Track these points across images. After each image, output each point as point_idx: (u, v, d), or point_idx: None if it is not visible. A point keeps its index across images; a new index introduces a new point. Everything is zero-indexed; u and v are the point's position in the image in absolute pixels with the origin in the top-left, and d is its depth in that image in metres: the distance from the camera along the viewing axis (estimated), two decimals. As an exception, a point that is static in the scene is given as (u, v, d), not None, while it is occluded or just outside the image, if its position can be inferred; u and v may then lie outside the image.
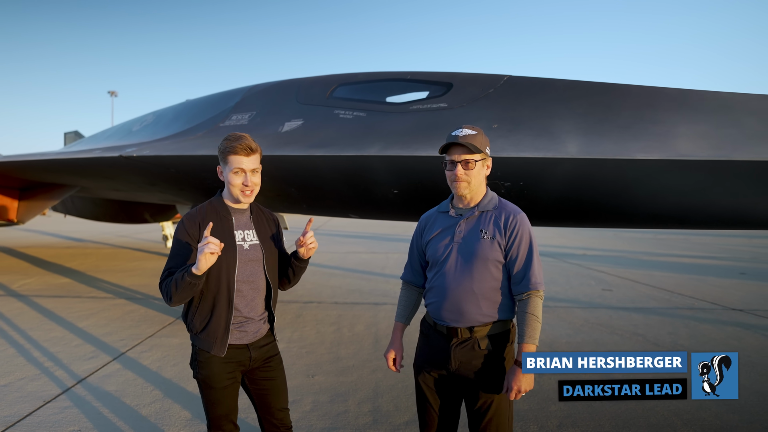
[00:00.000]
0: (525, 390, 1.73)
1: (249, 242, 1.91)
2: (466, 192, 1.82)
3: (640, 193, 2.94)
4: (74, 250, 11.91)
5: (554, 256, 12.23)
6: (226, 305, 1.83)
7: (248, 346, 1.90)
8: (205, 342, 1.84)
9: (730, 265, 11.05)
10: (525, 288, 1.77)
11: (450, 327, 1.81)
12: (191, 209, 1.92)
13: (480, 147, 1.79)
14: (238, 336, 1.87)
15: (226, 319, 1.83)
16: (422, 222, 1.99)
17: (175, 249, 1.84)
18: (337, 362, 4.06)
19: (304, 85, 4.33)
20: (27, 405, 3.18)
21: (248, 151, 1.83)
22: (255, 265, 1.90)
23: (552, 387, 3.59)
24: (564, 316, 5.88)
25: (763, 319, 5.96)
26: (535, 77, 3.46)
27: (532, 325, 1.74)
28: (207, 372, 1.85)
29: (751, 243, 16.83)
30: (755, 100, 2.71)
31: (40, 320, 5.21)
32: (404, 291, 2.07)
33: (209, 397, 1.88)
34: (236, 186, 1.85)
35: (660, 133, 2.75)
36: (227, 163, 1.85)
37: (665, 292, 7.72)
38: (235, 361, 1.88)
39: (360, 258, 11.21)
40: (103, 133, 8.18)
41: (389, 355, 2.00)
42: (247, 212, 1.96)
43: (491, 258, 1.77)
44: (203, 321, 1.84)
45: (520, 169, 3.08)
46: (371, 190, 3.85)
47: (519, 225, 1.79)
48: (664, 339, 4.99)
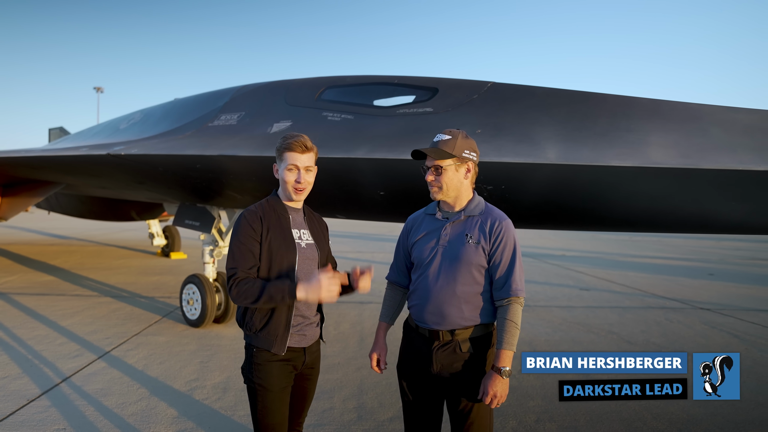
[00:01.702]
0: (501, 395, 1.73)
1: (305, 241, 1.91)
2: (439, 196, 1.86)
3: (615, 198, 3.07)
4: (59, 247, 11.73)
5: (534, 257, 12.46)
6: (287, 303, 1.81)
7: (305, 350, 1.89)
8: (264, 340, 1.80)
9: (699, 266, 11.49)
10: (506, 294, 1.78)
11: (432, 330, 1.83)
12: (250, 207, 1.88)
13: (452, 151, 1.79)
14: (297, 339, 1.85)
15: (287, 317, 1.81)
16: (409, 223, 2.02)
17: (241, 249, 1.77)
18: (323, 360, 4.06)
19: (293, 87, 4.38)
20: (10, 404, 3.14)
21: (303, 148, 1.86)
22: (311, 264, 1.89)
23: (530, 384, 3.73)
24: (543, 316, 6.05)
25: (728, 318, 6.25)
26: (517, 84, 3.57)
27: (510, 331, 1.75)
28: (265, 374, 1.80)
29: (719, 245, 17.47)
30: (721, 112, 2.87)
31: (23, 318, 5.16)
32: (389, 291, 2.09)
33: (265, 402, 1.80)
34: (289, 183, 1.86)
35: (634, 141, 2.89)
36: (282, 160, 1.86)
37: (639, 291, 7.99)
38: (292, 364, 1.86)
39: (346, 258, 11.29)
40: (89, 130, 8.07)
41: (373, 356, 2.01)
42: (301, 212, 1.97)
43: (475, 262, 1.78)
44: (263, 318, 1.80)
45: (502, 173, 3.18)
46: (358, 191, 3.92)
47: (504, 231, 1.80)
48: (637, 337, 5.19)
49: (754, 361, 4.51)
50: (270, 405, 1.81)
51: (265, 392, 1.80)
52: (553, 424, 3.06)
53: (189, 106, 5.25)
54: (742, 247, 16.90)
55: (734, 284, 9.00)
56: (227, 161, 4.03)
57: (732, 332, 5.53)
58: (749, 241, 19.75)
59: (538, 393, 3.57)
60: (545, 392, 3.59)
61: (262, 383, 1.80)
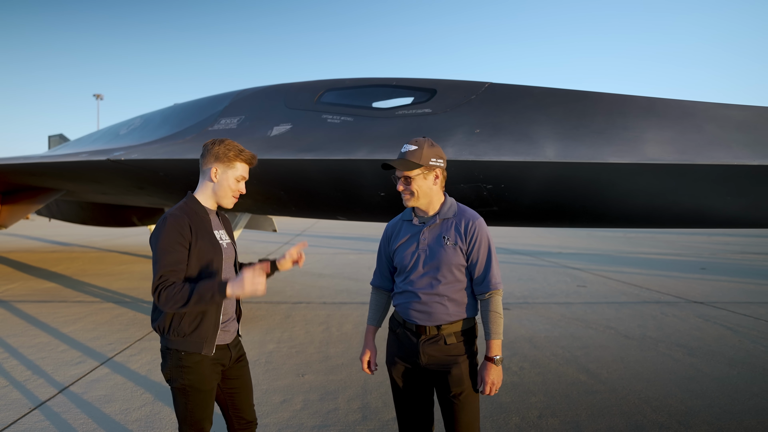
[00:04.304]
0: (497, 382, 1.84)
1: (225, 241, 1.93)
2: (411, 203, 1.93)
3: (613, 195, 3.12)
4: (60, 254, 11.65)
5: (532, 255, 12.53)
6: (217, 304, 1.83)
7: (228, 346, 1.92)
8: (194, 344, 1.80)
9: (692, 261, 11.65)
10: (486, 288, 1.88)
11: (419, 325, 1.90)
12: (172, 210, 1.83)
13: (419, 161, 1.85)
14: (222, 336, 1.88)
15: (216, 318, 1.83)
16: (388, 230, 2.10)
17: (169, 254, 1.72)
18: (327, 361, 4.15)
19: (293, 90, 4.41)
20: (11, 413, 3.07)
21: (252, 162, 1.91)
22: (230, 263, 1.93)
23: (532, 380, 3.77)
24: (542, 312, 6.10)
25: (721, 311, 6.34)
26: (515, 84, 3.62)
27: (495, 321, 1.87)
28: (196, 376, 1.80)
29: (711, 240, 17.69)
30: (715, 108, 2.92)
31: (24, 326, 5.11)
32: (374, 295, 2.16)
33: (196, 401, 1.82)
34: (233, 191, 1.88)
35: (630, 138, 2.94)
36: (232, 168, 1.87)
37: (634, 287, 8.08)
38: (220, 362, 1.88)
39: (348, 259, 11.31)
40: (89, 136, 8.06)
41: (364, 358, 2.08)
42: (215, 213, 1.98)
43: (455, 263, 1.87)
44: (193, 322, 1.79)
45: (500, 172, 3.22)
46: (358, 192, 3.95)
47: (477, 230, 1.88)
48: (634, 332, 5.26)
49: (747, 352, 4.57)
50: (201, 402, 1.83)
51: (197, 392, 1.81)
52: (555, 419, 3.09)
53: (189, 110, 5.26)
54: (732, 242, 17.11)
55: (726, 278, 9.14)
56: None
57: (725, 325, 5.61)
58: (739, 236, 20.02)
59: (539, 389, 3.61)
60: (547, 388, 3.63)
61: (193, 384, 1.80)
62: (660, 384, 3.73)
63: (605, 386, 3.68)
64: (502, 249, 13.85)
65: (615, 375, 3.92)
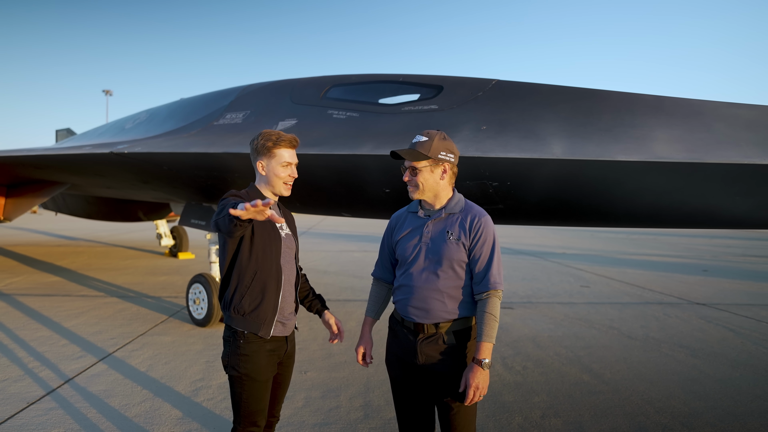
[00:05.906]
0: (483, 387, 1.75)
1: (285, 232, 1.95)
2: (415, 195, 1.91)
3: (620, 193, 3.08)
4: (65, 248, 11.69)
5: (536, 255, 12.50)
6: (275, 287, 1.87)
7: (286, 339, 1.96)
8: (253, 324, 1.83)
9: (694, 263, 11.62)
10: (485, 287, 1.82)
11: (417, 323, 1.88)
12: (228, 197, 1.83)
13: (428, 153, 1.83)
14: (281, 329, 1.91)
15: (275, 301, 1.86)
16: (392, 221, 2.08)
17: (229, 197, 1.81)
18: (330, 358, 4.14)
19: (299, 86, 4.39)
20: (9, 407, 3.06)
21: (294, 143, 1.92)
22: (290, 254, 1.96)
23: (535, 379, 3.76)
24: (546, 312, 6.08)
25: (723, 313, 6.32)
26: (522, 81, 3.59)
27: (489, 324, 1.79)
28: (253, 365, 1.82)
29: (713, 243, 17.61)
30: (724, 107, 2.89)
31: (26, 320, 5.12)
32: (375, 287, 2.14)
33: (251, 391, 1.83)
34: (282, 178, 1.90)
35: (638, 137, 2.90)
36: (274, 156, 1.90)
37: (637, 288, 8.05)
38: (276, 353, 1.91)
39: (352, 256, 11.30)
40: (95, 130, 8.06)
41: (359, 350, 2.05)
42: (275, 205, 1.99)
43: (456, 258, 1.83)
44: (254, 301, 1.83)
45: (507, 169, 3.19)
46: (364, 188, 3.93)
47: (483, 227, 1.84)
48: (637, 332, 5.23)
49: (750, 354, 4.55)
50: (256, 394, 1.84)
51: (252, 382, 1.83)
52: (558, 420, 3.08)
53: (195, 105, 5.25)
54: (734, 245, 17.02)
55: (728, 280, 9.10)
56: (232, 159, 4.04)
57: (727, 326, 5.58)
58: (740, 239, 19.92)
59: (543, 388, 3.59)
60: (550, 387, 3.62)
61: (250, 373, 1.83)
62: (663, 385, 3.71)
63: (608, 387, 3.66)
64: (506, 249, 13.82)
65: (618, 375, 3.90)
